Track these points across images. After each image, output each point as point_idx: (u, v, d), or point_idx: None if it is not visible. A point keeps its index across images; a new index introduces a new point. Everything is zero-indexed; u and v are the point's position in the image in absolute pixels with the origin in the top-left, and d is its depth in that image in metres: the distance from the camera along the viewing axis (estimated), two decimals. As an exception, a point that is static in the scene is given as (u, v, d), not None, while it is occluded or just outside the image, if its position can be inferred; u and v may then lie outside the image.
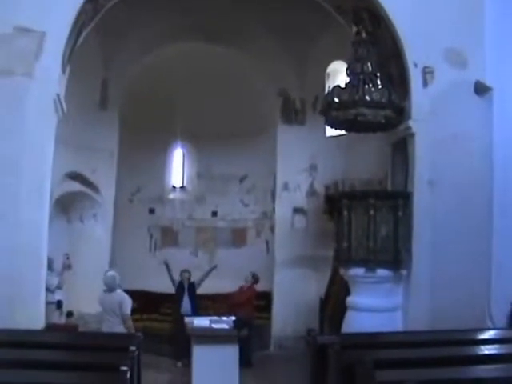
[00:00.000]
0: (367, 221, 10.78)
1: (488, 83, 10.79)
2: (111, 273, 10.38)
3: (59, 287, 13.30)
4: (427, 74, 10.78)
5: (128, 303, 10.01)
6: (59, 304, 13.23)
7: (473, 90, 10.82)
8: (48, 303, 11.68)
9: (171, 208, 17.73)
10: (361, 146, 14.08)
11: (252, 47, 15.49)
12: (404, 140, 11.18)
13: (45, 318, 10.43)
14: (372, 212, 10.74)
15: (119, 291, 10.15)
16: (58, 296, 13.24)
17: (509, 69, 10.91)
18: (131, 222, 16.71)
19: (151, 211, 17.54)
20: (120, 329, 9.81)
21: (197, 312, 13.40)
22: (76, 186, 14.55)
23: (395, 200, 10.85)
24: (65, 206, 14.67)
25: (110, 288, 10.08)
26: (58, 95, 10.07)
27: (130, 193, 17.14)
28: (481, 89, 10.79)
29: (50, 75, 9.82)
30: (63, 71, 10.37)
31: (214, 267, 14.20)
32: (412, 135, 10.85)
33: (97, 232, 15.18)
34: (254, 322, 13.60)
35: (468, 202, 10.57)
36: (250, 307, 13.65)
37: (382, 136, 11.93)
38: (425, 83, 10.80)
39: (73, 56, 10.76)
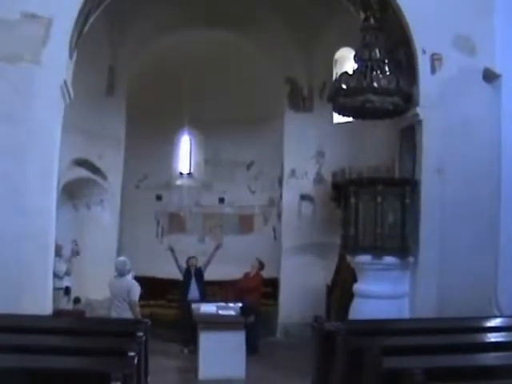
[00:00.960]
0: (374, 208, 10.77)
1: (497, 70, 10.74)
2: (122, 258, 10.45)
3: (68, 273, 13.37)
4: (435, 60, 10.74)
5: (136, 290, 10.06)
6: (67, 290, 13.30)
7: (481, 76, 10.78)
8: (56, 289, 11.77)
9: (178, 194, 17.73)
10: (368, 133, 14.05)
11: (259, 34, 15.43)
12: (412, 127, 11.15)
13: (52, 304, 10.49)
14: (379, 199, 10.74)
15: (129, 277, 10.19)
16: (66, 282, 13.31)
17: (517, 55, 10.89)
18: (138, 209, 16.74)
19: (158, 198, 17.55)
20: (128, 315, 9.87)
21: (205, 298, 13.43)
22: (83, 173, 14.55)
23: (403, 187, 10.84)
24: (72, 192, 14.68)
25: (119, 273, 10.13)
26: (65, 81, 10.07)
27: (137, 179, 17.14)
28: (489, 76, 10.74)
29: (57, 61, 9.82)
30: (70, 57, 10.37)
31: (220, 245, 14.17)
32: (420, 122, 10.82)
33: (104, 218, 15.21)
34: (260, 309, 13.62)
35: (476, 189, 10.56)
36: (258, 294, 13.67)
37: (390, 123, 11.90)
38: (433, 70, 10.76)
39: (80, 42, 10.76)
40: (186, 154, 18.20)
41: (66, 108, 10.53)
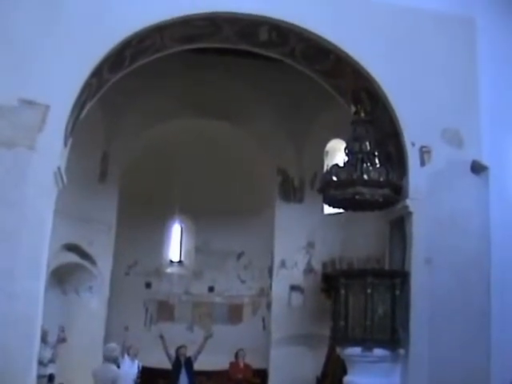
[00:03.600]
0: (364, 299, 10.73)
1: (484, 162, 10.97)
2: (112, 344, 10.26)
3: (52, 360, 13.06)
4: (424, 153, 10.95)
5: (120, 381, 9.81)
6: (51, 378, 12.99)
7: (469, 169, 10.98)
8: (40, 377, 11.47)
9: (168, 282, 17.63)
10: (359, 224, 14.14)
11: (251, 124, 15.76)
12: (402, 218, 11.23)
13: (35, 392, 10.24)
14: (369, 290, 10.70)
15: (114, 367, 9.96)
16: (50, 369, 12.98)
17: (504, 148, 11.20)
18: (127, 296, 16.58)
19: (147, 285, 17.43)
20: (113, 405, 9.59)
21: None
22: (73, 258, 14.51)
23: (393, 279, 10.83)
24: (60, 277, 14.59)
25: (106, 359, 9.91)
26: (59, 168, 10.12)
27: (127, 266, 17.07)
28: (477, 168, 10.94)
29: (51, 148, 9.89)
30: (65, 144, 10.46)
31: (210, 336, 13.92)
32: (409, 214, 10.90)
33: (92, 305, 15.06)
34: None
35: (466, 282, 10.57)
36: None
37: (380, 214, 11.98)
38: (422, 162, 10.95)
39: (75, 129, 10.91)
40: (176, 242, 18.21)
41: (59, 193, 10.58)
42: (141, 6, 10.50)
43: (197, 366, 13.66)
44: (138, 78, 12.83)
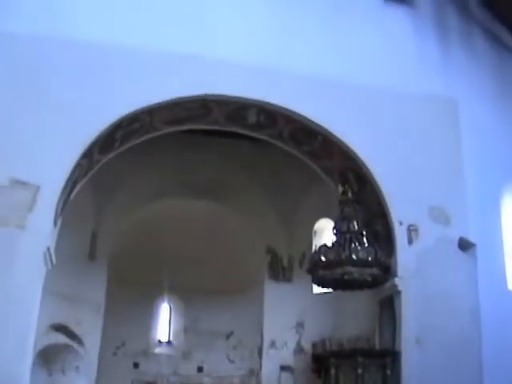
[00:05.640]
0: (355, 379, 10.70)
1: (471, 239, 11.09)
2: None
3: None
4: (412, 231, 11.07)
5: None
6: None
7: (457, 246, 11.10)
8: None
9: (156, 363, 17.34)
10: (348, 303, 14.09)
11: (240, 203, 15.86)
12: (391, 297, 11.26)
13: None
14: (360, 371, 10.68)
15: None
16: None
17: (490, 224, 11.37)
18: (115, 376, 16.22)
19: (135, 365, 17.10)
20: None
21: None
22: (60, 338, 14.28)
23: (383, 358, 10.80)
24: (47, 357, 14.29)
25: None
26: (48, 248, 10.11)
27: (115, 346, 16.80)
28: (464, 245, 11.08)
29: (41, 228, 9.92)
30: (55, 224, 10.50)
31: None
32: (398, 293, 10.93)
33: (79, 386, 14.78)
34: None
35: (457, 361, 10.53)
36: None
37: (369, 293, 12.00)
38: (410, 241, 11.07)
39: (65, 208, 10.96)
40: (165, 321, 18.02)
41: (47, 272, 10.54)
42: (132, 88, 10.76)
43: None
44: (127, 157, 12.97)
